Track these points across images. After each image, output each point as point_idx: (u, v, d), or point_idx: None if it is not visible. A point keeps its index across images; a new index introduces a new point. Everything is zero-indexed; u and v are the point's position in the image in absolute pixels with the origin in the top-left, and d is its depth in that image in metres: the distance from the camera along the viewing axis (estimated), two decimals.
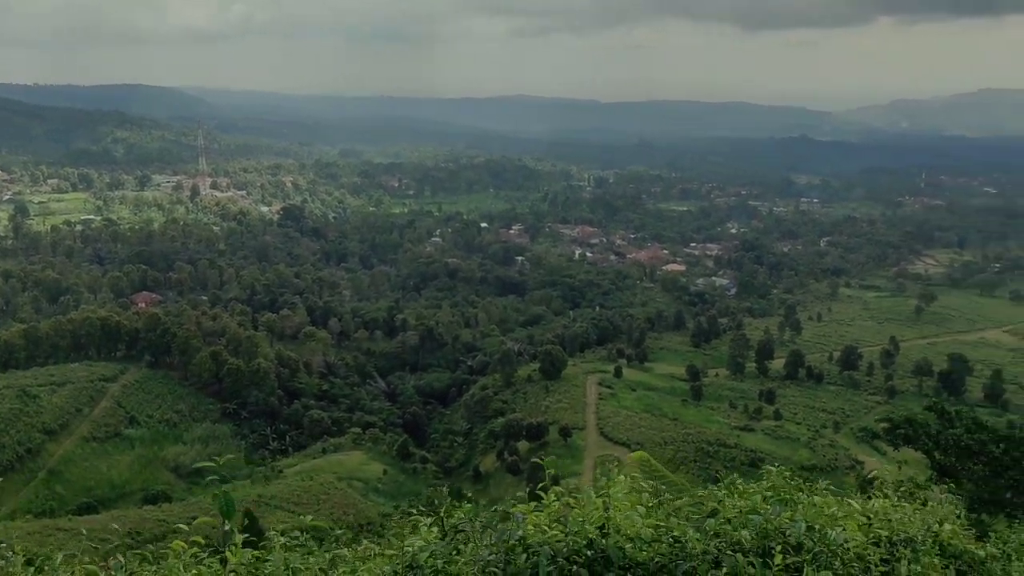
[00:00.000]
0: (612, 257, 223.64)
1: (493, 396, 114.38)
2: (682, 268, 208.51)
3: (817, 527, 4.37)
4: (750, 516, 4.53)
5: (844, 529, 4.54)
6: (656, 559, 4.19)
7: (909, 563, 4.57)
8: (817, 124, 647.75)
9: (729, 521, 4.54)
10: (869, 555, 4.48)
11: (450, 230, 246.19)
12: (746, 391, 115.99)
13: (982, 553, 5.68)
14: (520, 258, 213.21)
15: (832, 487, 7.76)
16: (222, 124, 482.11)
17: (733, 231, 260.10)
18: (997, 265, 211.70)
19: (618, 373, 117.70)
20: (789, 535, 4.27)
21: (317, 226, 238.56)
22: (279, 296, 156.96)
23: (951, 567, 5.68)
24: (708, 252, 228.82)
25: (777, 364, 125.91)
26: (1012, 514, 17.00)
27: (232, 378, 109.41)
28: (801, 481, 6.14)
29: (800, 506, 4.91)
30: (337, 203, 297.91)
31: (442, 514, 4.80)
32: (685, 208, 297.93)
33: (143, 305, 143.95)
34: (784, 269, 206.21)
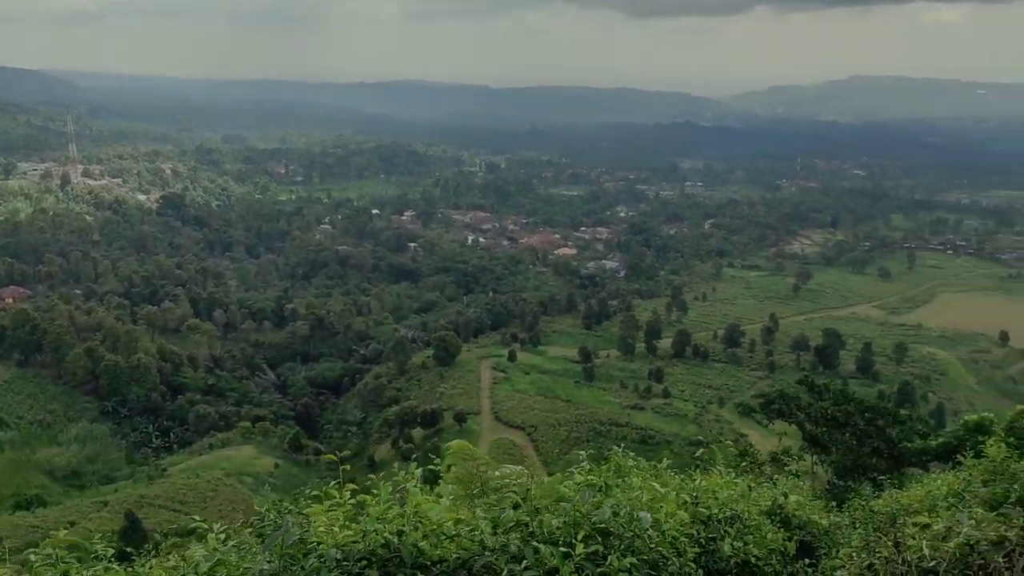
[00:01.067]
0: (505, 242, 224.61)
1: (387, 384, 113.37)
2: (573, 252, 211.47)
3: (623, 512, 4.27)
4: (561, 504, 4.40)
5: (658, 511, 4.47)
6: (456, 555, 4.00)
7: (732, 540, 4.56)
8: (701, 110, 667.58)
9: (538, 511, 4.39)
10: (687, 535, 4.43)
11: (340, 217, 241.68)
12: (636, 371, 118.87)
13: (825, 523, 5.78)
14: (413, 244, 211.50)
15: (696, 462, 7.80)
16: (94, 109, 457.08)
17: (622, 215, 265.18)
18: (867, 244, 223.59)
19: (512, 357, 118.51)
20: (595, 521, 4.16)
21: (199, 214, 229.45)
22: (160, 288, 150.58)
23: (794, 538, 5.75)
24: (598, 236, 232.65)
25: (665, 344, 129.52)
26: (876, 479, 17.85)
27: (110, 375, 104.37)
28: (644, 462, 6.10)
29: (615, 490, 4.83)
30: (220, 190, 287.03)
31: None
32: (576, 193, 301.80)
33: (10, 301, 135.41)
34: (671, 251, 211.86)
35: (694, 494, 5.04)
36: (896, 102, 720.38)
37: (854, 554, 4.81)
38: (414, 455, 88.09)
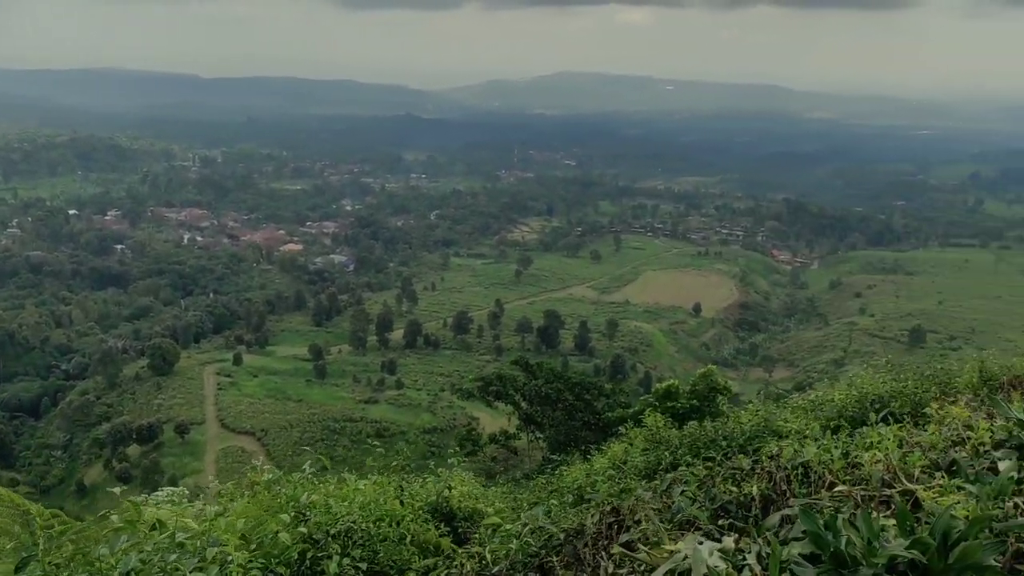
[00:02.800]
0: (225, 240, 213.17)
1: (96, 401, 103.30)
2: (300, 248, 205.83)
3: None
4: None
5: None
6: None
7: (341, 557, 4.42)
8: (420, 102, 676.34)
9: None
10: (286, 562, 4.24)
11: (31, 219, 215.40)
12: (369, 364, 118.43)
13: (491, 510, 5.89)
14: (120, 247, 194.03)
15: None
16: None
17: (348, 208, 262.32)
18: (579, 229, 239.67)
19: (238, 360, 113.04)
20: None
21: None
22: None
23: (458, 530, 5.81)
24: (325, 230, 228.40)
25: (397, 335, 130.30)
26: (585, 450, 19.01)
27: None
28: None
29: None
30: None
31: None
32: (299, 187, 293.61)
33: None
34: (399, 243, 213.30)
35: (303, 511, 4.77)
36: (598, 97, 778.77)
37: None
38: (131, 474, 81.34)
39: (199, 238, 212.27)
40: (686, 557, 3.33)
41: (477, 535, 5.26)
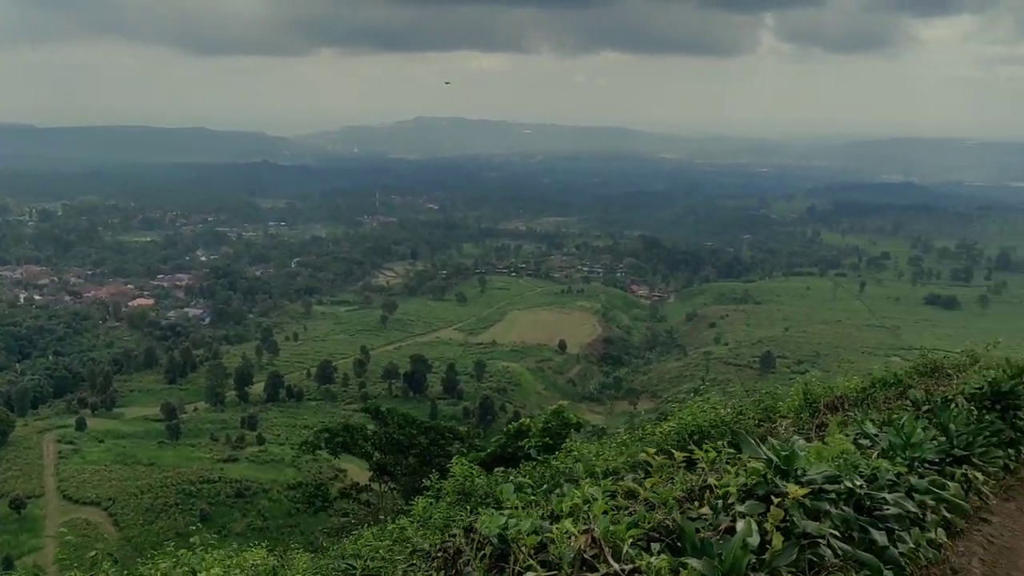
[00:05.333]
0: (67, 298, 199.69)
1: None
2: (151, 302, 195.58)
3: None
4: None
5: None
6: None
7: None
8: (277, 149, 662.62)
9: None
10: None
11: None
12: (227, 421, 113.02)
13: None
14: None
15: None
16: None
17: (203, 259, 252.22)
18: (444, 272, 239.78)
19: (81, 425, 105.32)
20: None
21: None
22: None
23: None
24: (178, 283, 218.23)
25: (257, 389, 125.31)
26: (436, 495, 18.28)
27: None
28: None
29: None
30: None
31: None
32: (149, 239, 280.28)
33: None
34: (258, 293, 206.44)
35: None
36: (457, 141, 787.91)
37: None
38: None
39: (37, 296, 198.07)
40: None
41: None
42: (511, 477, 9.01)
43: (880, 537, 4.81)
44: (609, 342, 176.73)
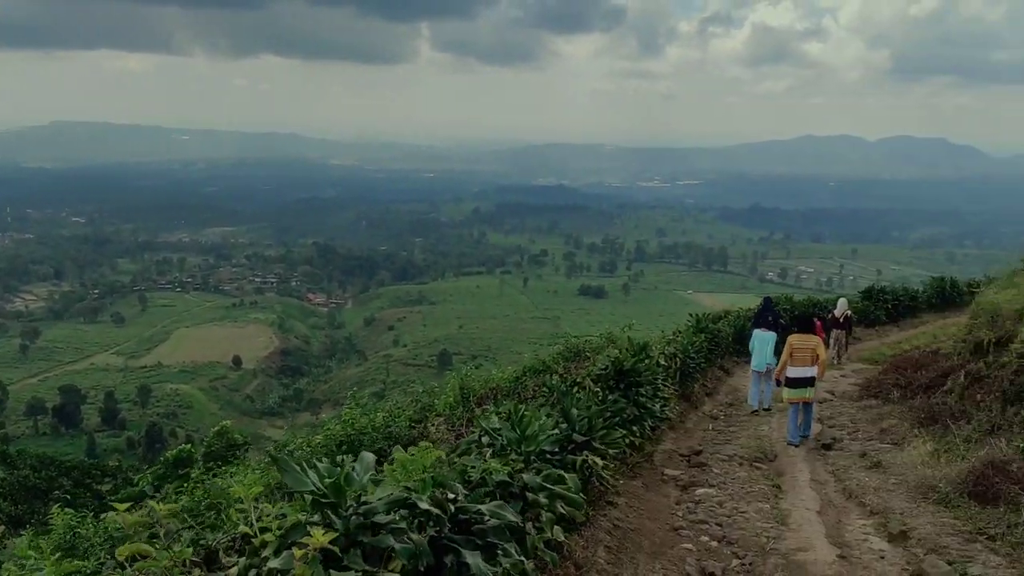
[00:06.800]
0: None
1: None
2: None
3: None
4: None
5: None
6: None
7: None
8: None
9: None
10: None
11: None
12: None
13: None
14: None
15: None
16: None
17: None
18: (96, 291, 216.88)
19: None
20: None
21: None
22: None
23: None
24: None
25: None
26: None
27: None
28: None
29: None
30: None
31: None
32: None
33: None
34: None
35: None
36: (102, 147, 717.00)
37: None
38: None
39: None
40: None
41: None
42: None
43: (473, 559, 4.15)
44: (287, 353, 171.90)
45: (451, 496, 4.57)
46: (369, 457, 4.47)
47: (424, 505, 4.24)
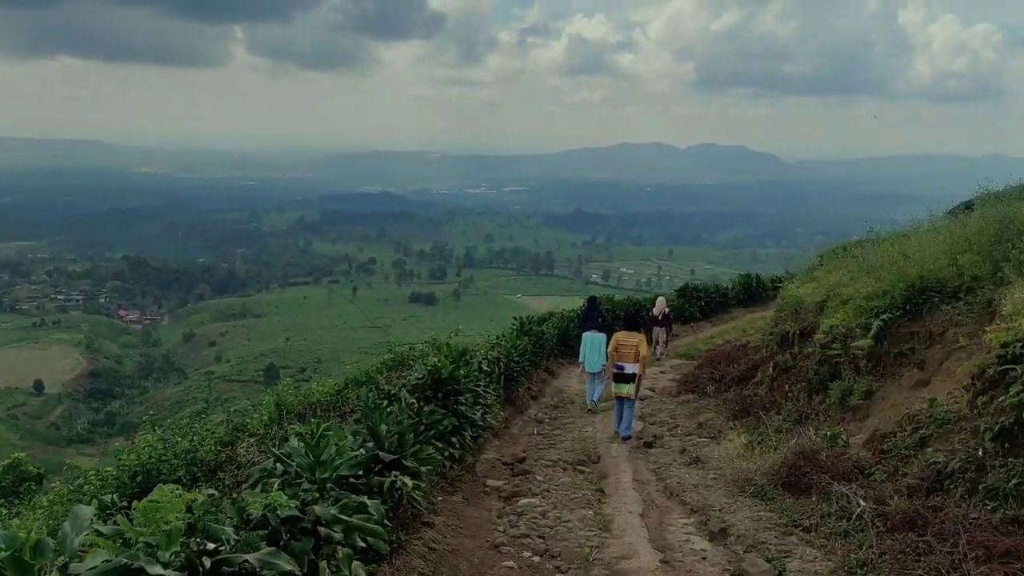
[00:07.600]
0: None
1: None
2: None
3: None
4: None
5: None
6: None
7: None
8: None
9: None
10: None
11: None
12: None
13: None
14: None
15: None
16: None
17: None
18: None
19: None
20: None
21: None
22: None
23: None
24: None
25: None
26: None
27: None
28: None
29: None
30: None
31: None
32: None
33: None
34: None
35: None
36: None
37: None
38: None
39: None
40: None
41: None
42: None
43: None
44: (97, 375, 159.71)
45: (211, 547, 3.71)
46: (85, 512, 3.50)
47: (155, 571, 3.29)
